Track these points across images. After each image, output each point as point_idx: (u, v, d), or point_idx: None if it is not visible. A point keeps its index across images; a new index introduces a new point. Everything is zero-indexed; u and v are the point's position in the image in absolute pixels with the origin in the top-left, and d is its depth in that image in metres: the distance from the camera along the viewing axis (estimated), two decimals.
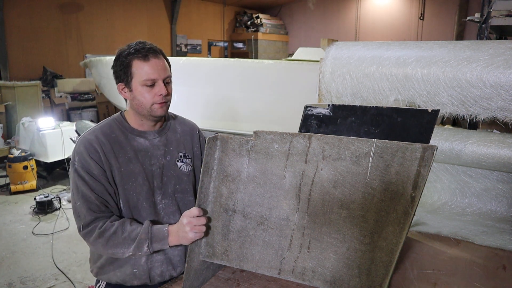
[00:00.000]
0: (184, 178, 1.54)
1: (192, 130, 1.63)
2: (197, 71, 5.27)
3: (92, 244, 1.35)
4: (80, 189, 1.35)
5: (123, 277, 1.47)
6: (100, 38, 10.07)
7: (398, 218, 1.08)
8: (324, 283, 1.17)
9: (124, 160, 1.42)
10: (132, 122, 1.48)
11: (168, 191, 1.50)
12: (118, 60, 1.41)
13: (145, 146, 1.47)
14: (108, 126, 1.46)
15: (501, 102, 1.74)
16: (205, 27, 13.80)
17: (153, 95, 1.39)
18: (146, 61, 1.37)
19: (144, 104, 1.40)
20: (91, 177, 1.36)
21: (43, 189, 5.36)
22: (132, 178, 1.42)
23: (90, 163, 1.37)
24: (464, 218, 2.03)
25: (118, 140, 1.43)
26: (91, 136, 1.41)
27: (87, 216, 1.34)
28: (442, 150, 1.97)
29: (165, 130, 1.54)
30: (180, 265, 1.54)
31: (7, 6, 8.27)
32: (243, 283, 1.33)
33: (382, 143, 1.07)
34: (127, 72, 1.39)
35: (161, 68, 1.40)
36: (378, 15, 13.25)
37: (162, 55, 1.43)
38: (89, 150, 1.37)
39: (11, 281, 3.20)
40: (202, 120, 5.31)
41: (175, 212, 1.52)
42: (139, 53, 1.37)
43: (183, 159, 1.54)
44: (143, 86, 1.38)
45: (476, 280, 1.40)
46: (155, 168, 1.47)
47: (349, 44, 2.20)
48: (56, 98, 8.20)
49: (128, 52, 1.38)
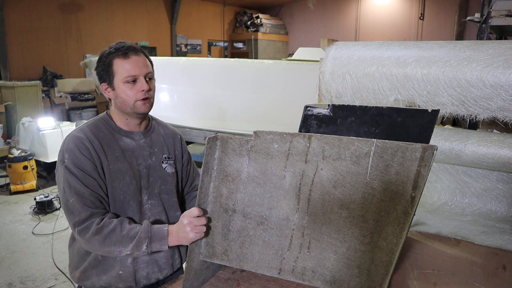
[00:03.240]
0: (169, 179, 1.55)
1: (174, 134, 1.65)
2: (197, 71, 5.26)
3: (87, 241, 1.31)
4: (73, 186, 1.33)
5: (108, 280, 1.44)
6: (100, 38, 10.08)
7: (398, 218, 1.08)
8: (324, 283, 1.17)
9: (112, 158, 1.42)
10: (118, 122, 1.48)
11: (154, 192, 1.50)
12: (100, 61, 1.43)
13: (132, 146, 1.48)
14: (95, 125, 1.46)
15: (501, 102, 1.74)
16: (205, 27, 13.81)
17: (136, 92, 1.40)
18: (126, 58, 1.39)
19: (127, 102, 1.41)
20: (83, 173, 1.35)
21: (43, 189, 5.36)
22: (120, 176, 1.42)
23: (81, 159, 1.36)
24: (464, 218, 2.03)
25: (106, 138, 1.44)
26: (79, 133, 1.41)
27: (82, 212, 1.32)
28: (442, 150, 1.97)
29: (149, 132, 1.55)
30: (167, 268, 1.53)
31: (7, 6, 8.27)
32: (243, 283, 1.33)
33: (382, 143, 1.07)
34: (108, 71, 1.40)
35: (142, 65, 1.41)
36: (378, 15, 13.26)
37: (142, 53, 1.45)
38: (80, 147, 1.37)
39: (11, 281, 3.21)
40: (202, 120, 5.32)
41: (161, 213, 1.52)
42: (119, 51, 1.39)
43: (167, 160, 1.56)
44: (125, 83, 1.39)
45: (476, 280, 1.40)
46: (141, 168, 1.47)
47: (349, 44, 2.20)
48: (56, 98, 8.21)
49: (108, 52, 1.41)
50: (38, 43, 8.92)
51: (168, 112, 5.42)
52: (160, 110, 5.40)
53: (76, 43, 9.73)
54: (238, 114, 5.07)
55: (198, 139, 5.46)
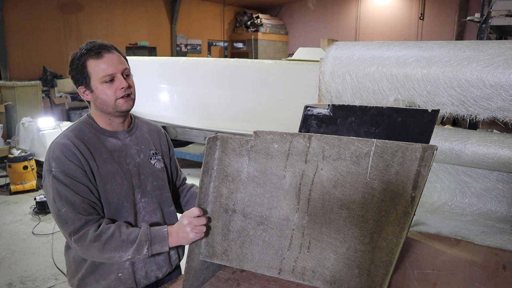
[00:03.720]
0: (160, 175, 1.53)
1: (157, 129, 1.65)
2: (197, 71, 5.26)
3: (86, 249, 1.28)
4: (63, 195, 1.29)
5: (108, 284, 1.42)
6: (100, 38, 9.92)
7: (398, 218, 1.08)
8: (324, 283, 1.17)
9: (100, 161, 1.39)
10: (101, 123, 1.45)
11: (147, 189, 1.48)
12: (73, 64, 1.39)
13: (118, 146, 1.45)
14: (78, 129, 1.42)
15: (501, 102, 1.74)
16: (205, 27, 13.81)
17: (115, 90, 1.37)
18: (100, 58, 1.36)
19: (108, 102, 1.38)
20: (72, 180, 1.31)
21: (43, 189, 5.36)
22: (111, 178, 1.39)
23: (69, 166, 1.32)
24: (464, 218, 2.03)
25: (92, 141, 1.40)
26: (64, 140, 1.37)
27: (76, 220, 1.28)
28: (442, 150, 1.97)
29: (133, 129, 1.53)
30: (165, 265, 1.51)
31: (7, 6, 8.28)
32: (243, 283, 1.33)
33: (382, 143, 1.07)
34: (83, 74, 1.37)
35: (117, 62, 1.38)
36: (378, 15, 13.26)
37: (115, 50, 1.42)
38: (67, 154, 1.32)
39: (11, 281, 3.21)
40: (202, 120, 5.32)
41: (156, 210, 1.50)
42: (91, 51, 1.36)
43: (155, 156, 1.54)
44: (103, 84, 1.36)
45: (476, 280, 1.40)
46: (131, 167, 1.45)
47: (349, 44, 2.20)
48: (56, 98, 8.21)
49: (80, 54, 1.37)
50: (38, 43, 8.93)
51: (168, 112, 5.42)
52: (160, 110, 5.41)
53: (76, 43, 9.72)
54: (238, 114, 5.07)
55: (198, 139, 5.46)
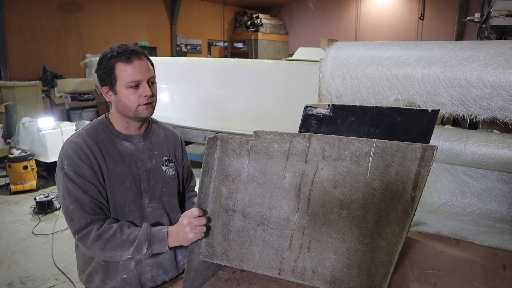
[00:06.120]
0: (170, 182, 1.54)
1: (174, 136, 1.64)
2: (197, 71, 5.26)
3: (89, 247, 1.32)
4: (72, 193, 1.32)
5: (113, 285, 1.44)
6: (100, 38, 10.08)
7: (398, 218, 1.08)
8: (324, 283, 1.17)
9: (111, 163, 1.40)
10: (117, 125, 1.47)
11: (155, 195, 1.49)
12: (102, 63, 1.40)
13: (131, 150, 1.46)
14: (93, 130, 1.44)
15: (501, 102, 1.74)
16: (205, 27, 13.80)
17: (138, 97, 1.38)
18: (129, 63, 1.37)
19: (130, 106, 1.39)
20: (83, 179, 1.34)
21: (43, 189, 5.36)
22: (119, 181, 1.41)
23: (80, 165, 1.34)
24: (464, 218, 2.03)
25: (105, 143, 1.42)
26: (78, 139, 1.39)
27: (81, 219, 1.31)
28: (442, 150, 1.97)
29: (149, 134, 1.53)
30: (172, 269, 1.52)
31: (7, 6, 8.27)
32: (243, 283, 1.33)
33: (382, 143, 1.07)
34: (110, 75, 1.38)
35: (144, 69, 1.39)
36: (378, 15, 13.25)
37: (145, 56, 1.43)
38: (79, 153, 1.35)
39: (11, 281, 3.21)
40: (202, 120, 5.32)
41: (163, 215, 1.51)
42: (122, 55, 1.37)
43: (167, 163, 1.55)
44: (128, 88, 1.37)
45: (476, 280, 1.40)
46: (141, 171, 1.46)
47: (349, 44, 2.20)
48: (56, 98, 8.21)
49: (111, 55, 1.38)
50: (38, 43, 8.92)
51: (168, 112, 5.42)
52: (160, 110, 5.40)
53: (76, 43, 9.73)
54: (238, 114, 5.07)
55: (198, 139, 5.46)
